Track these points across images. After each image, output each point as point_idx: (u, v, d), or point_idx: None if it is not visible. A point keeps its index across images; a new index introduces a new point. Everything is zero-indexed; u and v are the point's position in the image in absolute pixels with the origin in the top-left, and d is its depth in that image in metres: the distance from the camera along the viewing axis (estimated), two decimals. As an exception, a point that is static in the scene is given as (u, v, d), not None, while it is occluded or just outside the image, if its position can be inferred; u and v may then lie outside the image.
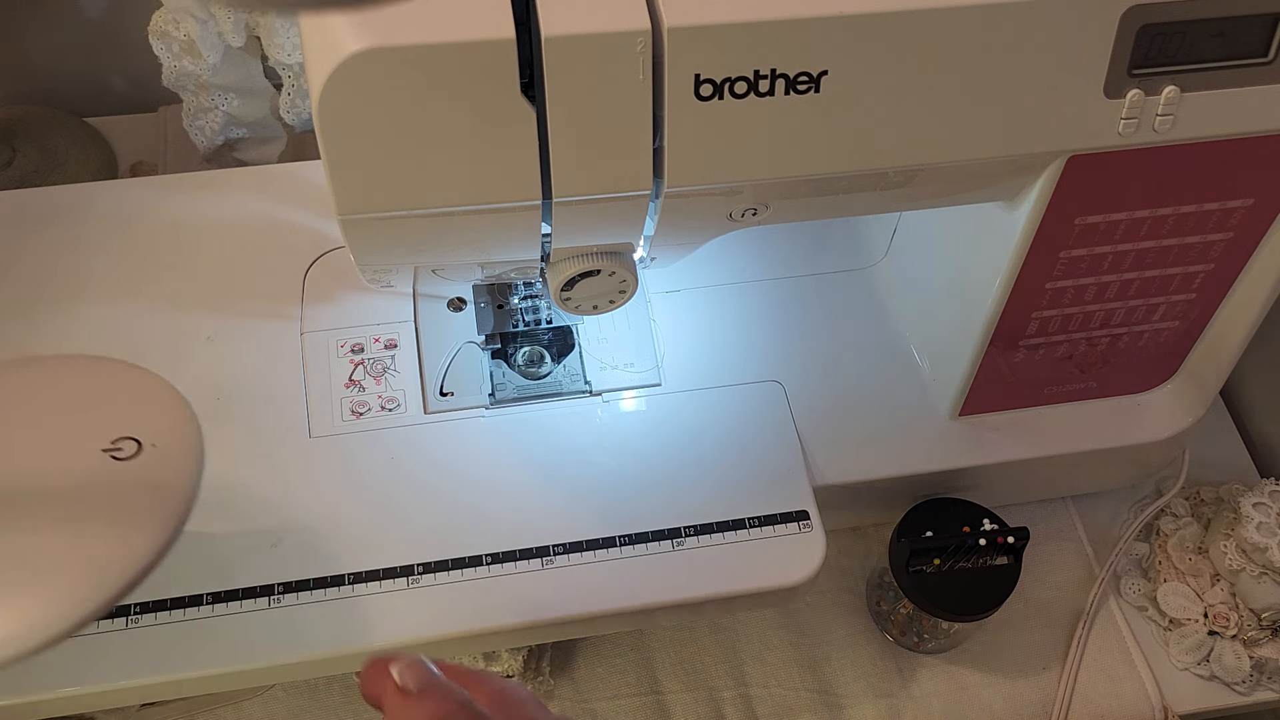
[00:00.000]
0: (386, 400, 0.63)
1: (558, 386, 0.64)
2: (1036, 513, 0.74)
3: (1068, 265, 0.56)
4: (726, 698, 0.66)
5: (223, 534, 0.57)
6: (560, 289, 0.52)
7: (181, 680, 0.54)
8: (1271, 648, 0.67)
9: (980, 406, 0.65)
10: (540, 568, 0.57)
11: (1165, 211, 0.53)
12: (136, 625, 0.54)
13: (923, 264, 0.67)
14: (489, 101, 0.40)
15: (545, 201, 0.45)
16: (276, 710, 0.65)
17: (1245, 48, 0.46)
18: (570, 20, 0.39)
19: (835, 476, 0.63)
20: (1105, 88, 0.46)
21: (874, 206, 0.55)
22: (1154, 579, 0.70)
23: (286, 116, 0.79)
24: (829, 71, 0.42)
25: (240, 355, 0.64)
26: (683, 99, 0.42)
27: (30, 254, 0.66)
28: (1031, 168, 0.50)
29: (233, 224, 0.69)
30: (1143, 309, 0.60)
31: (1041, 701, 0.67)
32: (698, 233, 0.53)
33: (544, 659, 0.65)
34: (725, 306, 0.69)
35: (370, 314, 0.66)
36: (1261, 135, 0.49)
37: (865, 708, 0.66)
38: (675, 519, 0.59)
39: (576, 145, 0.42)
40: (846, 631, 0.69)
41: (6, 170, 0.82)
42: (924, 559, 0.63)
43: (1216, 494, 0.72)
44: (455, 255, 0.51)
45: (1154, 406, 0.67)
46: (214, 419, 0.61)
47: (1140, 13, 0.44)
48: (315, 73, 0.39)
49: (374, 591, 0.56)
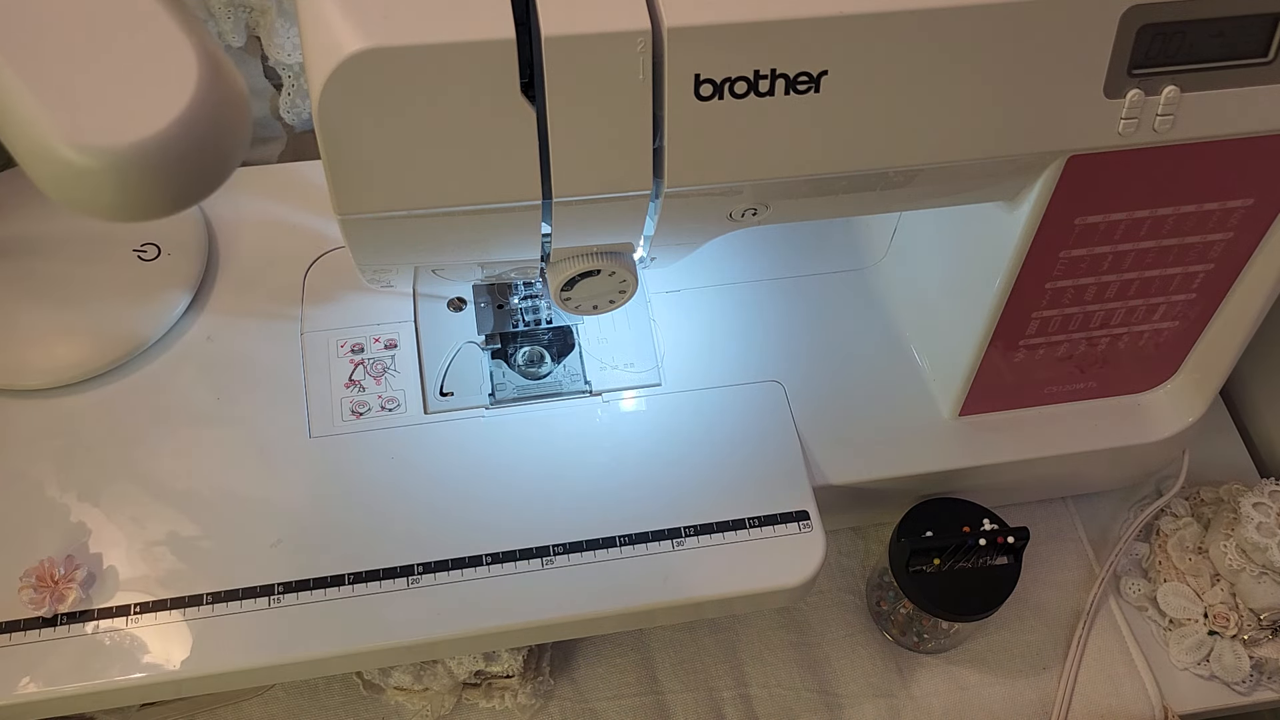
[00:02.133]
0: (386, 400, 0.63)
1: (558, 386, 0.64)
2: (1036, 513, 0.74)
3: (1068, 265, 0.56)
4: (726, 698, 0.66)
5: (223, 534, 0.57)
6: (560, 289, 0.52)
7: (181, 680, 0.54)
8: (1271, 648, 0.67)
9: (980, 406, 0.65)
10: (540, 568, 0.57)
11: (1165, 211, 0.53)
12: (137, 625, 0.54)
13: (923, 264, 0.67)
14: (489, 101, 0.40)
15: (545, 201, 0.45)
16: (276, 710, 0.65)
17: (1245, 48, 0.46)
18: (570, 20, 0.39)
19: (835, 476, 0.63)
20: (1105, 88, 0.46)
21: (874, 206, 0.54)
22: (1154, 579, 0.70)
23: (286, 116, 0.79)
24: (829, 71, 0.42)
25: (240, 355, 0.64)
26: (683, 99, 0.42)
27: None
28: (1031, 168, 0.50)
29: (232, 223, 0.69)
30: (1143, 309, 0.60)
31: (1041, 701, 0.67)
32: (698, 233, 0.53)
33: (544, 659, 0.65)
34: (725, 306, 0.69)
35: (370, 314, 0.66)
36: (1261, 135, 0.49)
37: (865, 708, 0.66)
38: (675, 519, 0.59)
39: (576, 145, 0.42)
40: (846, 631, 0.69)
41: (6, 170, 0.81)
42: (924, 559, 0.63)
43: (1216, 494, 0.72)
44: (455, 255, 0.51)
45: (1154, 406, 0.67)
46: (214, 419, 0.62)
47: (1140, 13, 0.44)
48: (315, 73, 0.39)
49: (374, 591, 0.56)
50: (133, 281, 0.65)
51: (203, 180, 0.35)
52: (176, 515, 0.58)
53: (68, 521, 0.57)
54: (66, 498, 0.58)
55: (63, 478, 0.59)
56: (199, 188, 0.35)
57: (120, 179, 0.33)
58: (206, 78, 0.34)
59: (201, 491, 0.59)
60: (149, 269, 0.65)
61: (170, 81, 0.34)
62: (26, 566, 0.55)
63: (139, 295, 0.64)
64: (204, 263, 0.67)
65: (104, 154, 0.33)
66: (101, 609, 0.55)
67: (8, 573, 0.55)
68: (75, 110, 0.33)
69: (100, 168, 0.33)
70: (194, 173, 0.34)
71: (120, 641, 0.54)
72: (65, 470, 0.59)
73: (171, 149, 0.33)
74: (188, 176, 0.34)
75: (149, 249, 0.66)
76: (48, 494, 0.58)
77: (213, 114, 0.34)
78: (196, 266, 0.66)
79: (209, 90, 0.34)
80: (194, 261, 0.66)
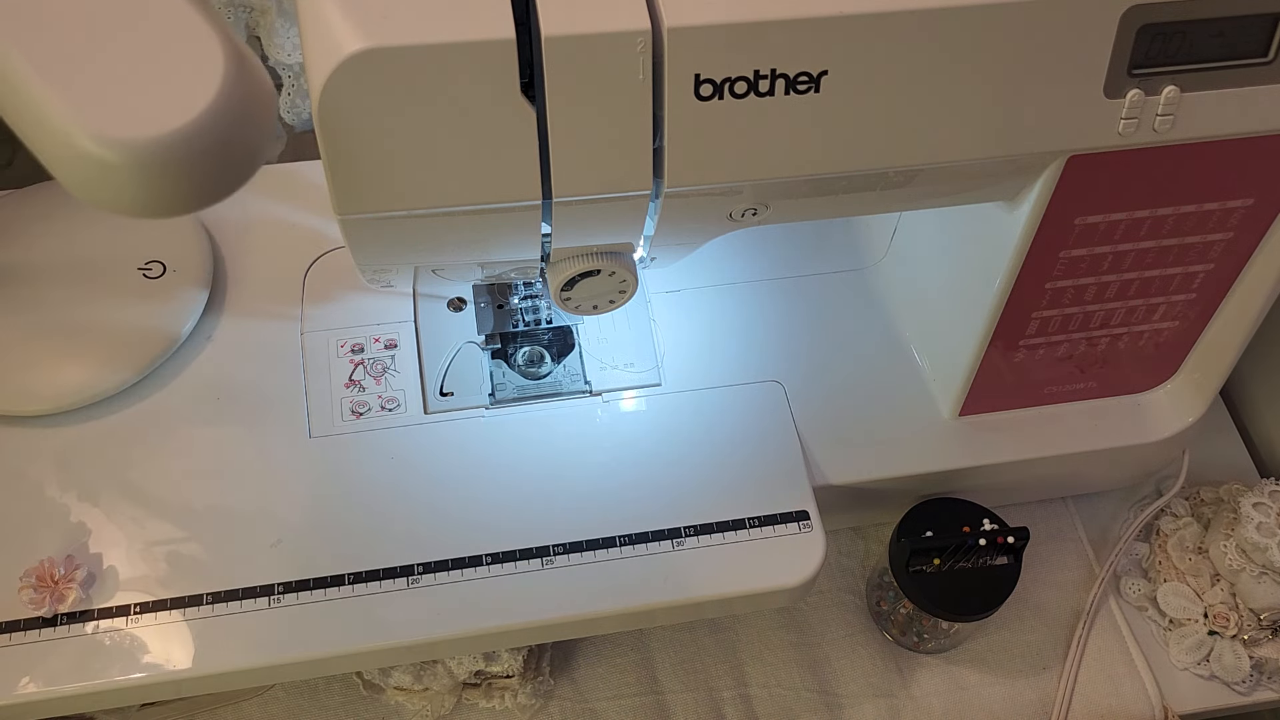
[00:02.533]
0: (386, 400, 0.63)
1: (558, 386, 0.64)
2: (1036, 513, 0.74)
3: (1068, 265, 0.56)
4: (726, 698, 0.66)
5: (223, 534, 0.57)
6: (560, 289, 0.52)
7: (181, 680, 0.54)
8: (1271, 648, 0.67)
9: (980, 406, 0.65)
10: (540, 568, 0.57)
11: (1165, 211, 0.53)
12: (137, 625, 0.54)
13: (923, 264, 0.67)
14: (489, 101, 0.40)
15: (545, 201, 0.45)
16: (276, 710, 0.65)
17: (1245, 48, 0.46)
18: (570, 20, 0.39)
19: (835, 476, 0.63)
20: (1105, 88, 0.46)
21: (874, 206, 0.54)
22: (1154, 579, 0.70)
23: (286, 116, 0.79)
24: (829, 71, 0.42)
25: (240, 355, 0.64)
26: (683, 99, 0.42)
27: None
28: (1031, 168, 0.50)
29: (233, 224, 0.69)
30: (1143, 309, 0.60)
31: (1041, 701, 0.67)
32: (698, 233, 0.53)
33: (544, 659, 0.65)
34: (725, 306, 0.69)
35: (370, 314, 0.66)
36: (1261, 135, 0.49)
37: (865, 708, 0.66)
38: (675, 519, 0.59)
39: (576, 145, 0.42)
40: (846, 631, 0.69)
41: (6, 170, 0.82)
42: (924, 559, 0.63)
43: (1216, 494, 0.72)
44: (455, 255, 0.51)
45: (1154, 406, 0.67)
46: (214, 419, 0.62)
47: (1140, 13, 0.44)
48: (315, 73, 0.39)
49: (374, 591, 0.56)
50: (140, 302, 0.64)
51: (229, 175, 0.34)
52: (176, 515, 0.58)
53: (68, 521, 0.57)
54: (66, 497, 0.58)
55: (63, 477, 0.59)
56: (226, 182, 0.34)
57: (145, 174, 0.33)
58: (232, 71, 0.33)
59: (201, 491, 0.59)
60: (156, 286, 0.64)
61: (196, 74, 0.33)
62: (26, 566, 0.55)
63: (147, 316, 0.64)
64: (210, 277, 0.66)
65: (129, 148, 0.32)
66: (101, 609, 0.55)
67: (8, 573, 0.55)
68: (100, 104, 0.33)
69: (125, 162, 0.32)
70: (221, 167, 0.34)
71: (120, 641, 0.54)
72: (65, 470, 0.59)
73: (198, 143, 0.33)
74: (215, 171, 0.34)
75: (154, 266, 0.65)
76: (48, 494, 0.58)
77: (239, 107, 0.34)
78: (203, 282, 0.65)
79: (235, 83, 0.33)
80: (200, 277, 0.66)
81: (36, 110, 0.33)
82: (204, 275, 0.66)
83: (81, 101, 0.33)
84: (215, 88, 0.33)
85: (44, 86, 0.33)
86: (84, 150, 0.32)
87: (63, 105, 0.33)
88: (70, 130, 0.33)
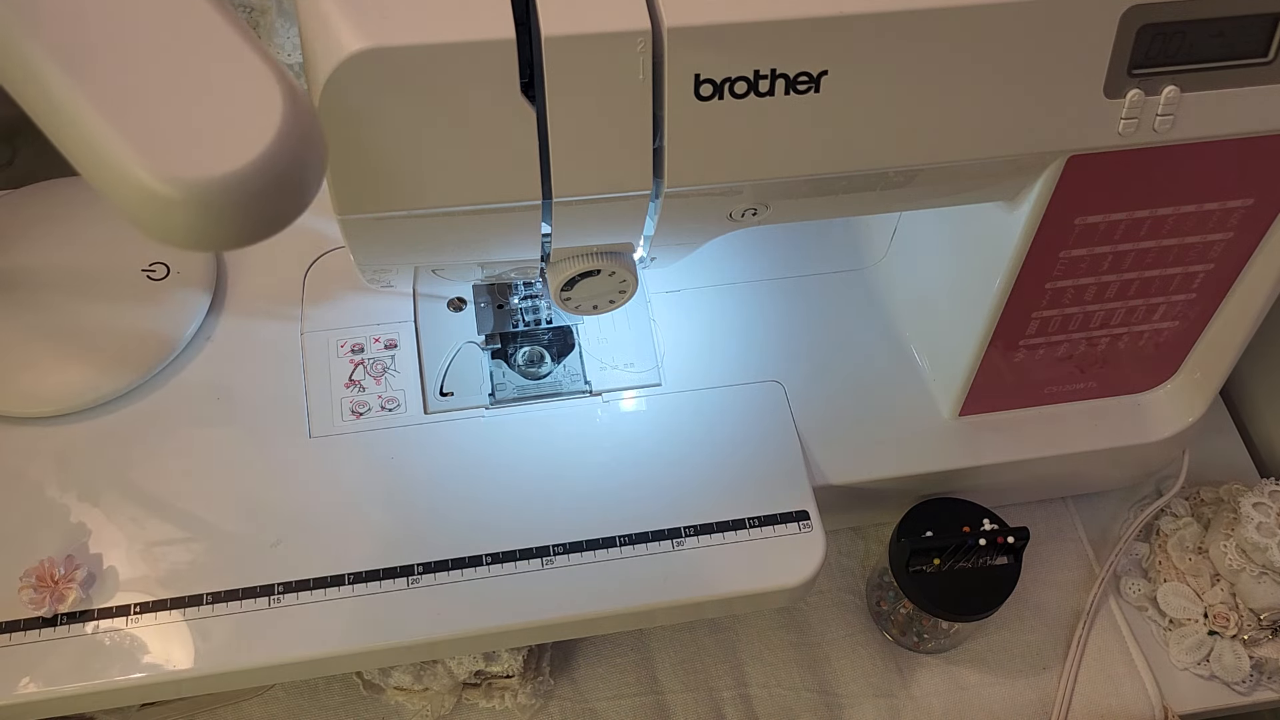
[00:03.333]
0: (386, 400, 0.63)
1: (558, 386, 0.64)
2: (1036, 513, 0.74)
3: (1068, 265, 0.56)
4: (726, 698, 0.66)
5: (223, 534, 0.57)
6: (560, 289, 0.52)
7: (181, 680, 0.54)
8: (1271, 648, 0.67)
9: (980, 406, 0.65)
10: (540, 568, 0.57)
11: (1165, 211, 0.53)
12: (137, 625, 0.54)
13: (923, 264, 0.67)
14: (489, 101, 0.40)
15: (545, 201, 0.45)
16: (276, 710, 0.65)
17: (1245, 48, 0.46)
18: (570, 20, 0.39)
19: (835, 476, 0.63)
20: (1105, 88, 0.46)
21: (874, 206, 0.54)
22: (1154, 579, 0.70)
23: (286, 116, 0.79)
24: (829, 71, 0.42)
25: (240, 355, 0.64)
26: (683, 99, 0.42)
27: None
28: (1031, 168, 0.50)
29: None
30: (1143, 309, 0.60)
31: (1041, 701, 0.67)
32: (698, 233, 0.53)
33: (544, 659, 0.65)
34: (725, 306, 0.69)
35: (370, 314, 0.66)
36: (1261, 135, 0.49)
37: (865, 708, 0.66)
38: (675, 519, 0.59)
39: (576, 145, 0.42)
40: (846, 631, 0.69)
41: (6, 170, 0.82)
42: (924, 559, 0.63)
43: (1216, 494, 0.72)
44: (455, 255, 0.51)
45: (1154, 406, 0.67)
46: (214, 419, 0.62)
47: (1140, 13, 0.44)
48: (315, 73, 0.39)
49: (374, 591, 0.56)
50: (145, 304, 0.64)
51: (285, 211, 0.35)
52: (176, 515, 0.58)
53: (68, 521, 0.57)
54: (66, 497, 0.58)
55: (63, 477, 0.59)
56: (281, 218, 0.35)
57: (206, 211, 0.33)
58: (290, 110, 0.34)
59: (201, 491, 0.59)
60: (159, 288, 0.64)
61: (256, 114, 0.34)
62: (26, 566, 0.55)
63: (150, 319, 0.64)
64: (214, 278, 0.66)
65: (193, 187, 0.33)
66: (101, 609, 0.55)
67: (8, 573, 0.55)
68: (164, 142, 0.33)
69: (188, 200, 0.33)
70: (278, 203, 0.34)
71: (120, 641, 0.54)
72: (65, 470, 0.59)
73: (258, 181, 0.33)
74: (271, 207, 0.34)
75: (158, 268, 0.65)
76: (48, 494, 0.58)
77: (297, 145, 0.34)
78: (206, 284, 0.66)
79: (293, 123, 0.34)
80: (203, 279, 0.66)
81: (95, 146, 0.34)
82: (207, 277, 0.66)
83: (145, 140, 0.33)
84: (276, 126, 0.34)
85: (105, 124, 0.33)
86: (147, 187, 0.33)
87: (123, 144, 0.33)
88: (133, 167, 0.33)
